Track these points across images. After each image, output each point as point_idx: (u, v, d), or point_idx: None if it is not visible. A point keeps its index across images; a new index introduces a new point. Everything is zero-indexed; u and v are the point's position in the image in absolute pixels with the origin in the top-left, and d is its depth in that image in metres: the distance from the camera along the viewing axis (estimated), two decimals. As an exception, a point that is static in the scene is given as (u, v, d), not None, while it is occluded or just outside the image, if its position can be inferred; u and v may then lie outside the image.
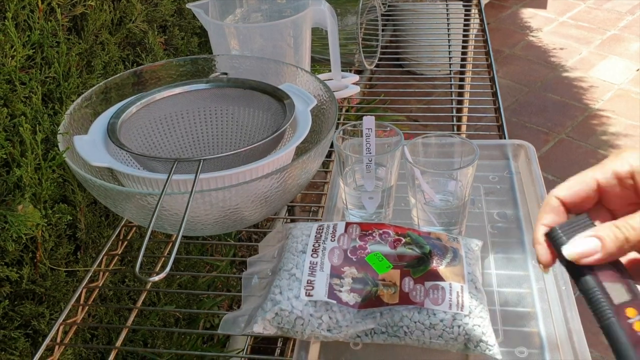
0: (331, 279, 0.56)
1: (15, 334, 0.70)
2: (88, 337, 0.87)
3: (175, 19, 1.07)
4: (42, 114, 0.70)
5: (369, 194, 0.68)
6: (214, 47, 0.91)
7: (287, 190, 0.64)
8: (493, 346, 0.53)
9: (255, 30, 0.88)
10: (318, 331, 0.54)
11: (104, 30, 0.87)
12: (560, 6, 3.37)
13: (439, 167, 0.66)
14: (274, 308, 0.55)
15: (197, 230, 0.65)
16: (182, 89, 0.74)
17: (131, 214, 0.64)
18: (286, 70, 0.79)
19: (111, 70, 0.87)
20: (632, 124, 2.37)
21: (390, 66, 1.91)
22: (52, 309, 0.76)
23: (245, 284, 0.62)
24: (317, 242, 0.60)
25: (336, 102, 0.71)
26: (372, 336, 0.55)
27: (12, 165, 0.66)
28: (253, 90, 0.74)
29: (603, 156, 2.17)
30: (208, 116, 0.76)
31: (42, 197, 0.69)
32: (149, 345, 1.01)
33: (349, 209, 0.71)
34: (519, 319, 0.59)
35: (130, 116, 0.70)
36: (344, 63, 1.00)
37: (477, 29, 1.40)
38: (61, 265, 0.77)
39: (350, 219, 0.71)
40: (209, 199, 0.59)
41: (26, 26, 0.71)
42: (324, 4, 0.88)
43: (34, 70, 0.72)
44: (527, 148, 0.81)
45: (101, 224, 0.86)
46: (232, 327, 0.57)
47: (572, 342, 0.55)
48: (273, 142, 0.67)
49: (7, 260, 0.69)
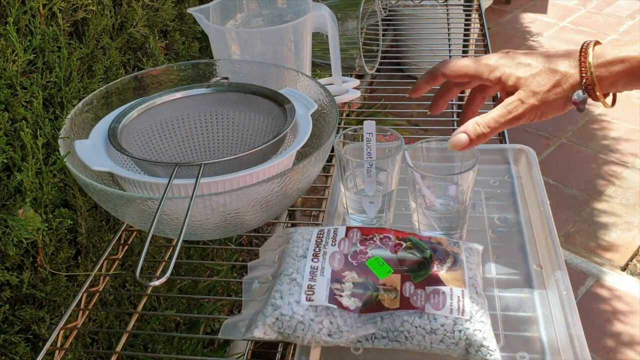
0: (332, 284, 0.56)
1: (16, 339, 0.70)
2: (88, 342, 0.87)
3: (176, 24, 1.07)
4: (43, 119, 0.70)
5: (369, 198, 0.68)
6: (215, 51, 0.91)
7: (287, 195, 0.64)
8: (494, 351, 0.53)
9: (256, 34, 0.88)
10: (319, 336, 0.54)
11: (105, 34, 0.87)
12: (561, 11, 3.37)
13: (440, 171, 0.66)
14: (275, 313, 0.54)
15: (198, 235, 0.65)
16: (183, 94, 0.75)
17: (132, 219, 0.64)
18: (287, 74, 0.79)
19: (112, 75, 0.88)
20: (633, 128, 2.37)
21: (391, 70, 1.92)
22: (53, 313, 0.76)
23: (246, 288, 0.62)
24: (317, 247, 0.60)
25: (337, 106, 0.71)
26: (373, 341, 0.54)
27: (13, 170, 0.66)
28: (254, 94, 0.74)
29: (604, 160, 2.18)
30: (209, 121, 0.76)
31: (42, 201, 0.69)
32: (150, 350, 1.01)
33: (350, 213, 0.71)
34: (520, 323, 0.59)
35: (131, 121, 0.70)
36: (344, 67, 1.01)
37: (478, 33, 1.40)
38: (62, 270, 0.77)
39: (351, 223, 0.71)
40: (210, 203, 0.59)
41: (27, 31, 0.71)
42: (324, 9, 0.88)
43: (35, 74, 0.72)
44: (527, 152, 0.81)
45: (102, 229, 0.86)
46: (233, 332, 0.57)
47: (573, 347, 0.54)
48: (274, 147, 0.67)
49: (8, 265, 0.69)
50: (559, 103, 0.54)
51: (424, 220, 0.67)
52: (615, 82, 0.52)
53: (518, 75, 0.53)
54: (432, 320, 0.53)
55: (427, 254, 0.58)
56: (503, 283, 0.64)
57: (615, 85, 0.53)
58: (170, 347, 1.07)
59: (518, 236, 0.70)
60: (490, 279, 0.64)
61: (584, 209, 1.97)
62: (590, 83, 0.52)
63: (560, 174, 2.13)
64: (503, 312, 0.60)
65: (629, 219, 1.92)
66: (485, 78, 0.57)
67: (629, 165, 2.17)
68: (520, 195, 0.76)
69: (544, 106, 0.54)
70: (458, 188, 0.65)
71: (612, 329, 1.56)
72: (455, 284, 0.56)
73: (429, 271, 0.57)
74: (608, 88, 0.53)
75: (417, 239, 0.61)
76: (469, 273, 0.58)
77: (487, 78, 0.56)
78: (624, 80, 0.52)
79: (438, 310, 0.54)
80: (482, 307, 0.55)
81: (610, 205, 1.98)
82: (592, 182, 2.09)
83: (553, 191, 2.05)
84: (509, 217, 0.73)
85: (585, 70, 0.52)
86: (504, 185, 0.79)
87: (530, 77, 0.53)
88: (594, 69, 0.52)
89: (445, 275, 0.57)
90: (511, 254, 0.68)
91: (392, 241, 0.60)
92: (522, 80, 0.53)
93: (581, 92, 0.52)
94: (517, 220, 0.73)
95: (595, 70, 0.52)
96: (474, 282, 0.57)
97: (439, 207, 0.66)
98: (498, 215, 0.74)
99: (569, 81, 0.53)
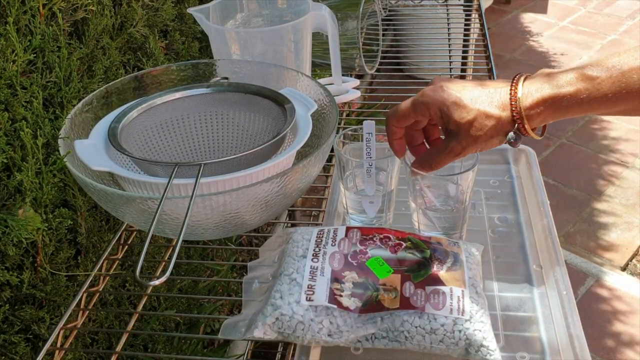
0: (332, 284, 0.56)
1: (16, 339, 0.70)
2: (88, 342, 0.87)
3: (176, 24, 1.07)
4: (43, 119, 0.70)
5: (369, 198, 0.68)
6: (215, 51, 0.91)
7: (287, 195, 0.64)
8: (494, 351, 0.53)
9: (256, 34, 0.88)
10: (319, 336, 0.54)
11: (105, 34, 0.87)
12: (561, 11, 3.37)
13: (440, 171, 0.66)
14: (275, 313, 0.54)
15: (198, 235, 0.65)
16: (182, 94, 0.75)
17: (132, 219, 0.64)
18: (287, 74, 0.79)
19: (112, 75, 0.88)
20: (633, 128, 2.37)
21: (390, 70, 1.92)
22: (53, 313, 0.76)
23: (246, 288, 0.62)
24: (317, 247, 0.60)
25: (337, 106, 0.71)
26: (373, 341, 0.54)
27: (13, 170, 0.66)
28: (254, 94, 0.74)
29: (604, 160, 2.18)
30: (209, 121, 0.76)
31: (42, 201, 0.69)
32: (150, 350, 1.01)
33: (350, 213, 0.71)
34: (520, 323, 0.59)
35: (131, 121, 0.70)
36: (344, 67, 1.01)
37: (478, 33, 1.40)
38: (62, 270, 0.77)
39: (351, 223, 0.71)
40: (210, 203, 0.59)
41: (27, 31, 0.71)
42: (324, 9, 0.88)
43: (35, 74, 0.72)
44: (527, 152, 0.81)
45: (102, 228, 0.86)
46: (233, 332, 0.57)
47: (573, 347, 0.55)
48: (274, 147, 0.67)
49: (8, 265, 0.69)
50: (495, 142, 0.58)
51: (423, 220, 0.67)
52: (544, 119, 0.56)
53: (455, 120, 0.57)
54: (432, 320, 0.53)
55: (427, 254, 0.58)
56: (503, 283, 0.64)
57: (544, 120, 0.56)
58: (170, 347, 1.07)
59: (518, 236, 0.70)
60: (490, 279, 0.64)
61: (584, 209, 1.97)
62: (521, 123, 0.55)
63: (560, 174, 2.13)
64: (503, 312, 0.60)
65: (629, 219, 1.92)
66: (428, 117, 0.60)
67: (629, 165, 2.17)
68: (520, 195, 0.76)
69: (483, 145, 0.58)
70: (458, 188, 0.65)
71: (612, 329, 1.56)
72: (455, 284, 0.56)
73: (428, 271, 0.57)
74: (538, 124, 0.57)
75: (417, 239, 0.61)
76: (469, 273, 0.58)
77: (430, 117, 0.59)
78: (552, 116, 0.55)
79: (438, 310, 0.54)
80: (482, 307, 0.55)
81: (610, 205, 1.98)
82: (592, 182, 2.09)
83: (553, 191, 2.05)
84: (509, 217, 0.73)
85: (516, 112, 0.55)
86: (504, 185, 0.79)
87: (466, 123, 0.56)
88: (523, 112, 0.55)
89: (445, 275, 0.57)
90: (511, 254, 0.68)
91: (392, 241, 0.60)
92: (460, 127, 0.57)
93: (513, 133, 0.56)
94: (517, 220, 0.73)
95: (525, 112, 0.55)
96: (474, 282, 0.57)
97: (439, 207, 0.66)
98: (498, 215, 0.74)
99: (503, 124, 0.56)
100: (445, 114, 0.57)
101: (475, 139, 0.57)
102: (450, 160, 0.60)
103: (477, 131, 0.56)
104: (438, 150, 0.60)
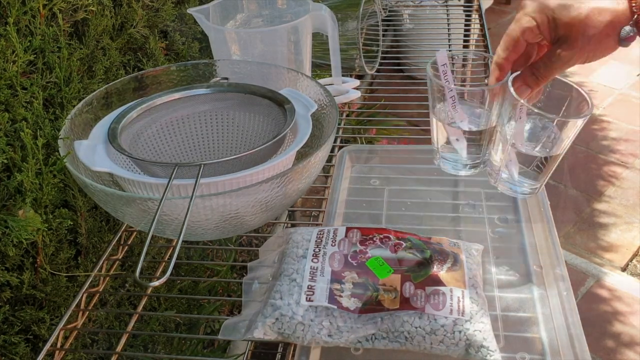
0: (332, 284, 0.56)
1: (16, 339, 0.70)
2: (88, 342, 0.87)
3: (176, 25, 1.07)
4: (43, 119, 0.70)
5: (456, 134, 0.63)
6: (215, 52, 0.91)
7: (287, 195, 0.64)
8: (494, 351, 0.53)
9: (256, 35, 0.88)
10: (319, 336, 0.54)
11: (105, 35, 0.87)
12: (561, 11, 3.37)
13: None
14: (275, 313, 0.54)
15: (198, 235, 0.65)
16: (182, 94, 0.75)
17: (132, 219, 0.64)
18: (287, 75, 0.79)
19: (112, 76, 0.88)
20: (633, 128, 2.37)
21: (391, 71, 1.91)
22: (53, 314, 0.76)
23: (246, 289, 0.62)
24: (317, 247, 0.60)
25: (337, 107, 0.71)
26: (373, 341, 0.54)
27: (13, 170, 0.66)
28: (254, 95, 0.74)
29: (604, 161, 2.18)
30: (209, 121, 0.76)
31: (43, 202, 0.69)
32: (150, 351, 1.01)
33: (441, 152, 0.66)
34: (520, 324, 0.59)
35: (131, 121, 0.70)
36: (344, 68, 1.01)
37: (478, 34, 1.40)
38: (62, 270, 0.77)
39: (444, 163, 0.67)
40: (210, 203, 0.59)
41: (28, 31, 0.71)
42: (324, 9, 0.88)
43: (35, 75, 0.72)
44: (527, 153, 0.81)
45: (102, 229, 0.86)
46: (233, 333, 0.57)
47: (573, 347, 0.55)
48: (274, 147, 0.67)
49: (8, 265, 0.69)
50: (610, 43, 0.52)
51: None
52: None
53: (565, 22, 0.52)
54: (432, 321, 0.53)
55: (427, 254, 0.58)
56: (503, 283, 0.64)
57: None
58: (170, 348, 1.07)
59: (518, 236, 0.70)
60: (490, 279, 0.64)
61: (584, 209, 1.97)
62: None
63: (561, 174, 2.13)
64: (503, 312, 0.60)
65: (628, 220, 1.92)
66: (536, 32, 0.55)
67: (629, 166, 2.17)
68: (520, 195, 0.76)
69: (595, 48, 0.53)
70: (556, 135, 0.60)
71: (612, 329, 1.56)
72: (455, 285, 0.56)
73: (428, 271, 0.57)
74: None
75: (417, 239, 0.61)
76: (469, 273, 0.58)
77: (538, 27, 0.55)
78: None
79: (438, 310, 0.54)
80: (482, 308, 0.55)
81: (610, 206, 1.98)
82: (592, 182, 2.09)
83: (553, 191, 2.05)
84: (509, 217, 0.73)
85: (636, 3, 0.50)
86: (504, 185, 0.78)
87: (579, 23, 0.51)
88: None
89: (445, 275, 0.57)
90: (511, 254, 0.68)
91: (392, 241, 0.60)
92: (572, 28, 0.52)
93: (629, 27, 0.51)
94: (517, 220, 0.73)
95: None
96: (474, 282, 0.57)
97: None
98: (498, 215, 0.74)
99: (619, 18, 0.51)
100: (553, 18, 0.53)
101: (588, 39, 0.52)
102: (558, 71, 0.55)
103: (590, 30, 0.51)
104: (543, 60, 0.55)
